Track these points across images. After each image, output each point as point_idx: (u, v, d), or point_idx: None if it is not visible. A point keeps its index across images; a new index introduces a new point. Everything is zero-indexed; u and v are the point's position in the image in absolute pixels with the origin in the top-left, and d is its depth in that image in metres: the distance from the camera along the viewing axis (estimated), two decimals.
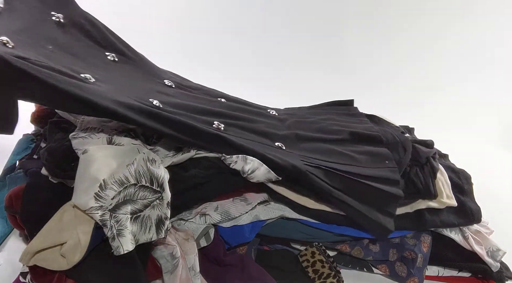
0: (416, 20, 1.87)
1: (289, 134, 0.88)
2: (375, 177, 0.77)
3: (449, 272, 0.86)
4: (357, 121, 1.00)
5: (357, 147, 0.88)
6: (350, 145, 0.88)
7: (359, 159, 0.82)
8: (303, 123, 0.97)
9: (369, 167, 0.80)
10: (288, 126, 0.94)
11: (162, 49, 1.94)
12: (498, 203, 1.14)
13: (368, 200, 0.75)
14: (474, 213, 0.83)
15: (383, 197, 0.76)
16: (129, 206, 0.66)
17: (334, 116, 1.02)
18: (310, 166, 0.75)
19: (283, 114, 1.01)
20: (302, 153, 0.81)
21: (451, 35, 1.85)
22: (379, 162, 0.82)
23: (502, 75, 1.83)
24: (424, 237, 0.82)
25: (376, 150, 0.86)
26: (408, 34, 1.89)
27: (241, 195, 0.78)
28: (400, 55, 1.89)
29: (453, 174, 0.92)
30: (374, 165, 0.81)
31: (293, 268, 0.80)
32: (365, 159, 0.83)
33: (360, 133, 0.91)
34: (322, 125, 0.96)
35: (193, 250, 0.70)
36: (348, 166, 0.80)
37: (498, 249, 0.81)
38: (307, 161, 0.77)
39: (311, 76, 1.88)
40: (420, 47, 1.88)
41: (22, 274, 0.65)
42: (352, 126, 0.95)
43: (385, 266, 0.85)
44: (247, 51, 1.93)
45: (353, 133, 0.90)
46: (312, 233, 0.80)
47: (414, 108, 1.70)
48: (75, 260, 0.60)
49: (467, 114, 1.74)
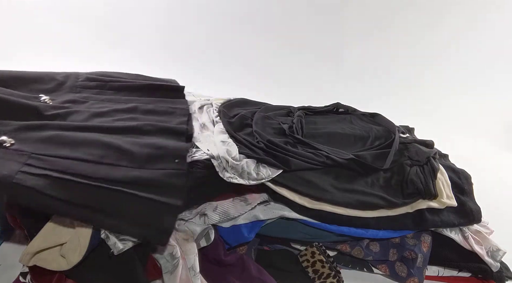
0: (416, 20, 1.87)
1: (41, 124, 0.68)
2: (146, 182, 0.61)
3: (449, 272, 0.85)
4: (174, 110, 0.85)
5: (145, 138, 0.72)
6: (137, 135, 0.72)
7: (138, 155, 0.66)
8: (92, 106, 0.79)
9: (143, 168, 0.64)
10: (52, 115, 0.74)
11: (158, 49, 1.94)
12: (498, 203, 1.14)
13: (130, 214, 0.59)
14: (474, 213, 0.83)
15: (153, 209, 0.60)
16: None
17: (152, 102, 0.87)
18: (31, 174, 0.57)
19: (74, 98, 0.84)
20: (35, 148, 0.62)
21: (452, 34, 1.85)
22: (164, 161, 0.66)
23: (502, 74, 1.83)
24: (424, 237, 0.82)
25: (166, 144, 0.70)
26: (409, 34, 1.88)
27: (241, 195, 0.79)
28: (401, 55, 1.89)
29: (453, 174, 0.92)
30: (154, 164, 0.65)
31: (293, 268, 0.80)
32: (146, 156, 0.66)
33: (161, 126, 0.76)
34: (118, 109, 0.79)
35: (193, 250, 0.70)
36: (106, 165, 0.62)
37: (498, 249, 0.81)
38: (35, 163, 0.59)
39: (312, 76, 1.88)
40: (420, 47, 1.88)
41: (22, 274, 0.65)
42: (155, 120, 0.80)
43: (385, 266, 0.85)
44: (245, 51, 1.93)
45: (152, 125, 0.75)
46: (312, 233, 0.80)
47: (414, 108, 1.70)
48: (75, 261, 0.60)
49: (467, 114, 1.74)
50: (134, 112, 0.82)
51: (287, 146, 0.85)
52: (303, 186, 0.77)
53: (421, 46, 1.88)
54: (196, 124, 0.90)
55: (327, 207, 0.77)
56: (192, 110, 0.95)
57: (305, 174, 0.79)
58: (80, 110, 0.78)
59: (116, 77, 0.97)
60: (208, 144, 0.81)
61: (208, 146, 0.80)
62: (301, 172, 0.79)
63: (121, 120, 0.76)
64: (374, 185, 0.82)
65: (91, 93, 0.88)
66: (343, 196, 0.78)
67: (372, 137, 0.98)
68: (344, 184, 0.81)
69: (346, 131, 0.98)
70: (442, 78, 1.85)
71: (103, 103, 0.84)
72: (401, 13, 1.88)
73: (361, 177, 0.83)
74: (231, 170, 0.75)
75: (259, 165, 0.78)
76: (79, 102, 0.82)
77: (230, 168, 0.75)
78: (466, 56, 1.85)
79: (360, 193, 0.79)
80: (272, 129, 0.94)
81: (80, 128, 0.70)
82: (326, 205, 0.77)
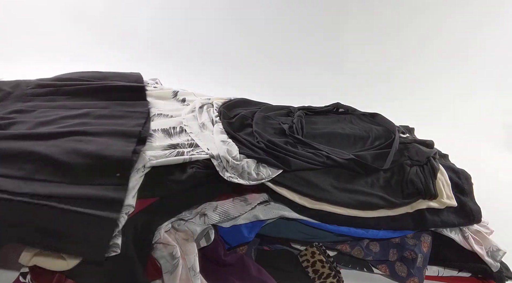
0: (416, 20, 1.87)
1: None
2: (81, 197, 0.58)
3: (449, 272, 0.85)
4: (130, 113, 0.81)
5: (90, 144, 0.69)
6: (81, 140, 0.68)
7: (76, 168, 0.62)
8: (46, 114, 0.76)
9: (79, 184, 0.60)
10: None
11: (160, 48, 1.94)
12: (498, 203, 1.14)
13: (65, 231, 0.56)
14: (474, 213, 0.83)
15: (88, 224, 0.57)
16: None
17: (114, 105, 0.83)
18: None
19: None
20: None
21: (453, 34, 1.85)
22: (104, 174, 0.62)
23: (502, 74, 1.83)
24: (424, 237, 0.82)
25: (110, 154, 0.64)
26: (409, 34, 1.88)
27: (241, 195, 0.78)
28: (401, 55, 1.89)
29: (453, 174, 0.92)
30: (92, 179, 0.62)
31: (293, 268, 0.80)
32: (85, 169, 0.63)
33: (114, 130, 0.71)
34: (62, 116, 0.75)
35: (193, 250, 0.70)
36: (38, 182, 0.60)
37: (498, 249, 0.81)
38: None
39: (312, 76, 1.88)
40: (421, 47, 1.88)
41: (22, 274, 0.65)
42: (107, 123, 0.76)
43: (385, 266, 0.85)
44: (246, 51, 1.93)
45: (100, 128, 0.72)
46: (312, 233, 0.80)
47: (414, 108, 1.70)
48: (76, 261, 0.60)
49: (467, 114, 1.74)
50: (86, 117, 0.78)
51: (287, 146, 0.85)
52: (303, 186, 0.77)
53: (422, 47, 1.88)
54: (196, 124, 0.90)
55: (327, 207, 0.77)
56: (193, 108, 0.95)
57: (305, 174, 0.79)
58: (26, 120, 0.75)
59: (74, 80, 0.92)
60: (208, 143, 0.81)
61: (208, 145, 0.80)
62: (301, 172, 0.79)
63: (68, 127, 0.72)
64: (374, 185, 0.82)
65: (42, 101, 0.85)
66: (343, 196, 0.78)
67: (372, 137, 0.98)
68: (344, 184, 0.81)
69: (346, 131, 0.98)
70: (442, 79, 1.85)
71: (53, 111, 0.80)
72: (402, 13, 1.88)
73: (361, 177, 0.83)
74: (231, 170, 0.75)
75: (259, 165, 0.78)
76: (26, 111, 0.79)
77: (230, 168, 0.75)
78: (467, 57, 1.85)
79: (360, 193, 0.79)
80: (273, 129, 0.94)
81: (17, 137, 0.67)
82: (326, 205, 0.77)
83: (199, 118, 0.92)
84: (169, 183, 0.71)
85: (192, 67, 1.85)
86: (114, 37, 1.91)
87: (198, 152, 0.78)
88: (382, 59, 1.90)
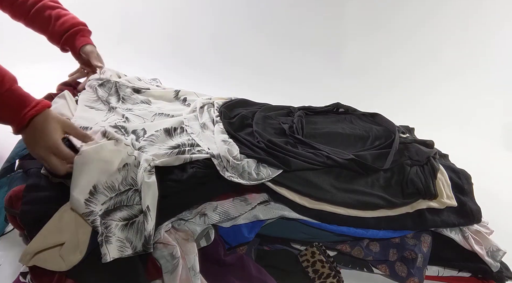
0: (416, 20, 1.87)
1: None
2: None
3: (449, 272, 0.85)
4: None
5: None
6: None
7: None
8: None
9: None
10: None
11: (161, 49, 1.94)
12: (498, 203, 1.14)
13: None
14: (474, 213, 0.83)
15: None
16: (120, 212, 0.66)
17: None
18: None
19: None
20: None
21: (452, 34, 1.85)
22: None
23: (502, 74, 1.82)
24: (424, 237, 0.82)
25: None
26: (408, 34, 1.88)
27: (241, 195, 0.78)
28: (401, 55, 1.89)
29: (453, 174, 0.91)
30: None
31: (293, 268, 0.80)
32: None
33: None
34: None
35: (193, 250, 0.70)
36: None
37: (498, 249, 0.81)
38: None
39: (312, 76, 1.88)
40: (421, 46, 1.88)
41: (22, 274, 0.65)
42: None
43: (385, 266, 0.85)
44: (246, 51, 1.94)
45: None
46: (312, 233, 0.80)
47: (414, 108, 1.70)
48: (74, 261, 0.60)
49: (467, 114, 1.73)
50: None
51: (288, 146, 0.85)
52: (303, 186, 0.77)
53: (422, 45, 1.88)
54: (197, 124, 0.90)
55: (327, 207, 0.77)
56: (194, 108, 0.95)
57: (305, 174, 0.79)
58: None
59: None
60: (209, 143, 0.81)
61: (208, 145, 0.80)
62: (301, 172, 0.79)
63: None
64: (374, 185, 0.82)
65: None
66: (343, 196, 0.78)
67: (372, 137, 0.98)
68: (344, 184, 0.81)
69: (346, 131, 0.98)
70: (442, 78, 1.85)
71: None
72: (402, 13, 1.88)
73: (361, 177, 0.83)
74: (232, 170, 0.75)
75: (259, 165, 0.78)
76: None
77: (230, 168, 0.75)
78: (467, 56, 1.85)
79: (360, 193, 0.79)
80: (273, 129, 0.94)
81: None
82: (326, 205, 0.77)
83: (200, 119, 0.92)
84: (170, 182, 0.71)
85: (192, 67, 1.85)
86: (114, 37, 1.91)
87: (198, 150, 0.78)
88: (382, 59, 1.90)
